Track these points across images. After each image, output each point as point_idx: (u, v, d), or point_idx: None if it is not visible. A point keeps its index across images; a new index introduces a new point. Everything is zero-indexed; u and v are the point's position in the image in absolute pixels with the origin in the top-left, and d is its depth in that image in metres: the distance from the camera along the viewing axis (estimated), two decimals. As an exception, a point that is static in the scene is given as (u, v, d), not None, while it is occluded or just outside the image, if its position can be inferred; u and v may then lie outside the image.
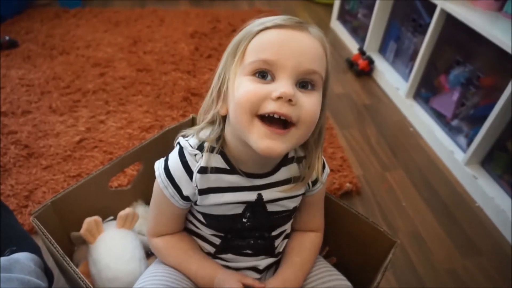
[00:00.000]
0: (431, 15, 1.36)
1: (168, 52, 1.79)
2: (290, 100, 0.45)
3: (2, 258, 0.60)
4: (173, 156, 0.56)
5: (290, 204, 0.60)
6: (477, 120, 1.21)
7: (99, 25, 2.01)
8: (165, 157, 0.58)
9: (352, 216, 0.72)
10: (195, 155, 0.54)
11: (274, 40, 0.47)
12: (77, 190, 0.76)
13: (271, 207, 0.58)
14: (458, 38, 1.30)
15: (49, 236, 0.62)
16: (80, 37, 1.88)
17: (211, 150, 0.54)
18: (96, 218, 0.78)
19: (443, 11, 1.30)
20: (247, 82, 0.47)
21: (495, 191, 1.14)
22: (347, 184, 1.16)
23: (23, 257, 0.63)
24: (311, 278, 0.62)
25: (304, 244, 0.64)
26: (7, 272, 0.57)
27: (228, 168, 0.55)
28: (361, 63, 1.76)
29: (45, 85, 1.52)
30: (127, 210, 0.81)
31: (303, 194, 0.61)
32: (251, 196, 0.56)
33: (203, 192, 0.55)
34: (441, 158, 1.34)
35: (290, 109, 0.45)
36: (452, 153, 1.28)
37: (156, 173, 0.57)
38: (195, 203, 0.58)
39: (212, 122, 0.55)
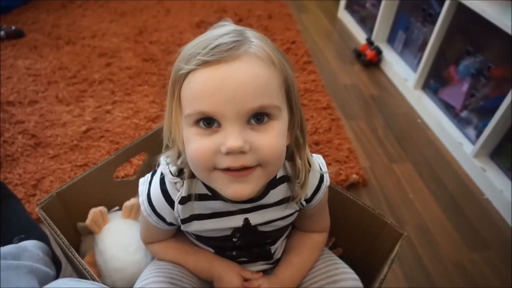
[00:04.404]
0: (441, 4, 1.33)
1: (174, 42, 1.78)
2: (242, 151, 0.41)
3: (11, 246, 0.61)
4: (155, 183, 0.53)
5: (283, 223, 0.57)
6: (487, 112, 1.19)
7: (105, 15, 2.01)
8: (149, 180, 0.55)
9: (358, 207, 0.71)
10: (176, 183, 0.51)
11: (204, 88, 0.41)
12: (83, 181, 0.76)
13: (262, 228, 0.56)
14: (469, 28, 1.27)
15: (55, 227, 0.63)
16: (86, 27, 1.88)
17: (191, 175, 0.50)
18: (102, 208, 0.78)
19: (454, 0, 1.27)
20: (194, 136, 0.43)
21: (504, 184, 1.12)
22: (354, 176, 1.15)
23: (31, 245, 0.64)
24: (317, 271, 0.61)
25: (305, 244, 0.62)
26: (15, 260, 0.57)
27: (209, 194, 0.51)
28: (369, 53, 1.74)
29: (51, 75, 1.52)
30: (132, 201, 0.81)
31: (298, 210, 0.58)
32: (237, 221, 0.53)
33: (185, 220, 0.54)
34: (449, 150, 1.32)
35: (244, 158, 0.41)
36: (460, 145, 1.27)
37: (140, 199, 0.54)
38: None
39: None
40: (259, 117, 0.42)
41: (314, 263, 0.62)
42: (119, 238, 0.76)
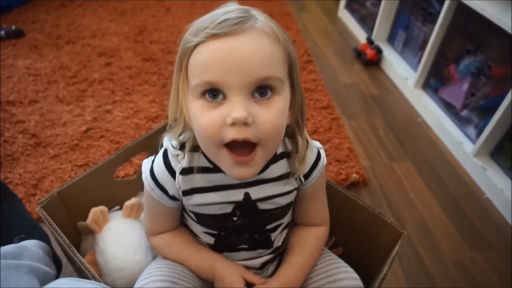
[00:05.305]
0: (441, 3, 1.33)
1: (174, 41, 1.77)
2: (246, 123, 0.42)
3: (11, 245, 0.61)
4: (158, 158, 0.55)
5: (283, 201, 0.57)
6: (487, 111, 1.19)
7: (105, 14, 2.01)
8: (152, 159, 0.56)
9: (359, 206, 0.71)
10: (177, 155, 0.53)
11: (211, 58, 0.43)
12: (83, 180, 0.76)
13: (262, 205, 0.56)
14: (469, 27, 1.27)
15: (56, 226, 0.63)
16: (86, 27, 1.88)
17: (194, 149, 0.52)
18: (102, 208, 0.78)
19: (454, -1, 1.27)
20: (200, 110, 0.44)
21: (504, 183, 1.12)
22: (354, 175, 1.15)
23: (31, 245, 0.64)
24: (317, 271, 0.61)
25: (306, 242, 0.62)
26: (16, 259, 0.57)
27: (211, 166, 0.53)
28: (369, 52, 1.74)
29: (51, 74, 1.52)
30: (133, 200, 0.81)
31: (297, 188, 0.58)
32: (238, 195, 0.54)
33: (186, 193, 0.54)
34: (449, 149, 1.32)
35: (247, 130, 0.43)
36: (461, 144, 1.27)
37: (143, 176, 0.56)
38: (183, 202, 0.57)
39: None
40: (262, 90, 0.44)
41: (316, 260, 0.62)
42: (119, 237, 0.76)
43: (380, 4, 1.72)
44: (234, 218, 0.56)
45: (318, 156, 0.57)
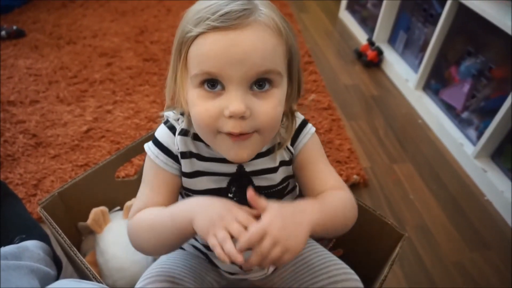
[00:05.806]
0: (442, 4, 1.33)
1: (175, 42, 1.78)
2: (242, 116, 0.43)
3: (12, 246, 0.61)
4: (160, 127, 0.57)
5: (278, 176, 0.56)
6: (488, 113, 1.19)
7: (106, 14, 2.01)
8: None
9: (359, 208, 0.70)
10: (178, 119, 0.55)
11: (212, 49, 0.43)
12: (84, 181, 0.76)
13: (257, 181, 0.55)
14: (470, 28, 1.27)
15: (56, 226, 0.63)
16: (87, 27, 1.88)
17: None
18: (103, 208, 0.79)
19: (455, 1, 1.27)
20: (198, 99, 0.45)
21: (504, 185, 1.12)
22: (355, 176, 1.15)
23: (32, 245, 0.64)
24: (317, 271, 0.61)
25: (326, 193, 0.53)
26: (17, 260, 0.57)
27: None
28: (370, 54, 1.74)
29: (52, 74, 1.52)
30: (134, 201, 0.81)
31: (290, 161, 0.57)
32: (232, 167, 0.54)
33: (184, 155, 0.54)
34: (450, 150, 1.32)
35: (244, 124, 0.44)
36: (461, 145, 1.27)
37: (146, 148, 0.56)
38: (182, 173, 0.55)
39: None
40: (261, 83, 0.45)
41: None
42: (120, 237, 0.76)
43: (381, 5, 1.72)
44: (230, 195, 0.55)
45: (304, 123, 0.57)
